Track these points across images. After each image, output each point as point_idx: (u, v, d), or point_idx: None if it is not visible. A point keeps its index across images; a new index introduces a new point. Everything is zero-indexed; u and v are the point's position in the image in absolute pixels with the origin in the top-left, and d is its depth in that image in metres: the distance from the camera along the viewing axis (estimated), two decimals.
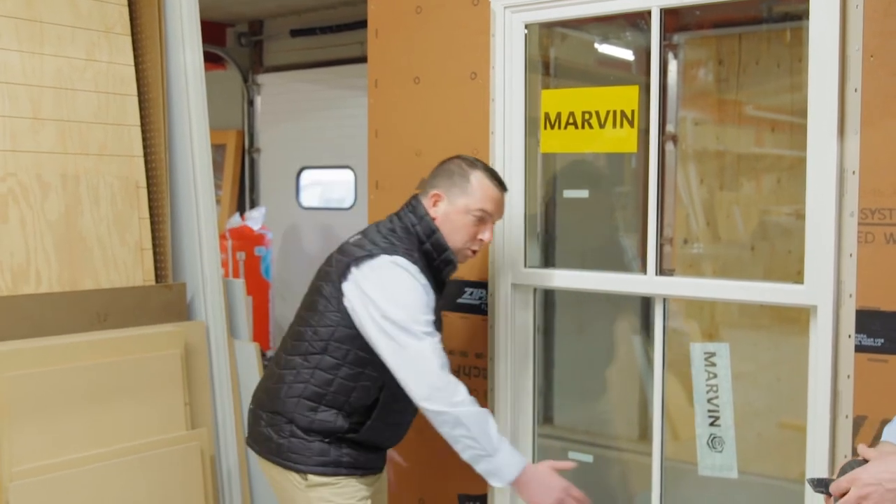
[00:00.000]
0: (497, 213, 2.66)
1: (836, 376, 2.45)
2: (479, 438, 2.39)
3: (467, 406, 2.41)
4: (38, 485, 2.84)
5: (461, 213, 2.60)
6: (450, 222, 2.61)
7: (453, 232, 2.61)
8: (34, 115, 3.11)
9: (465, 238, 2.61)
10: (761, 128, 4.16)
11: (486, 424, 2.41)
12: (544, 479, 2.44)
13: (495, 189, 2.63)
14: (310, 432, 2.56)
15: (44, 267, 3.07)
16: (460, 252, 2.63)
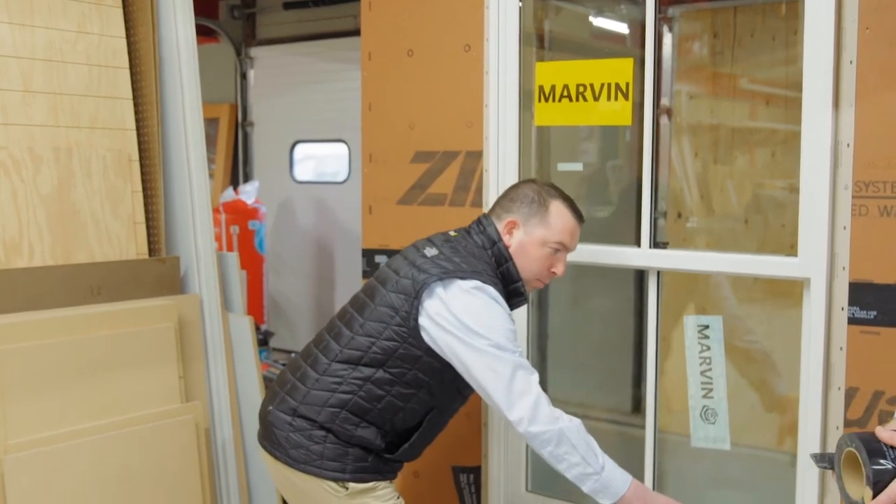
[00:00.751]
0: (572, 246, 2.55)
1: (828, 348, 2.46)
2: (585, 455, 2.27)
3: (566, 421, 2.28)
4: (33, 458, 2.84)
5: (538, 244, 2.49)
6: (525, 253, 2.49)
7: (528, 263, 2.49)
8: (25, 88, 3.09)
9: (538, 270, 2.51)
10: (756, 101, 4.16)
11: (588, 438, 2.30)
12: (658, 500, 2.34)
13: (574, 221, 2.52)
14: (348, 444, 2.44)
15: (37, 240, 3.06)
16: (532, 283, 2.54)
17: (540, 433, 2.25)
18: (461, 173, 3.09)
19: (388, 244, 3.25)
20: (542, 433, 2.25)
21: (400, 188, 3.24)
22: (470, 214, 3.08)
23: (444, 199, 3.13)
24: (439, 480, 3.25)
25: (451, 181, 3.12)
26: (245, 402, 3.54)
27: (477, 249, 2.48)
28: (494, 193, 3.02)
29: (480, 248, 2.48)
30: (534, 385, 2.29)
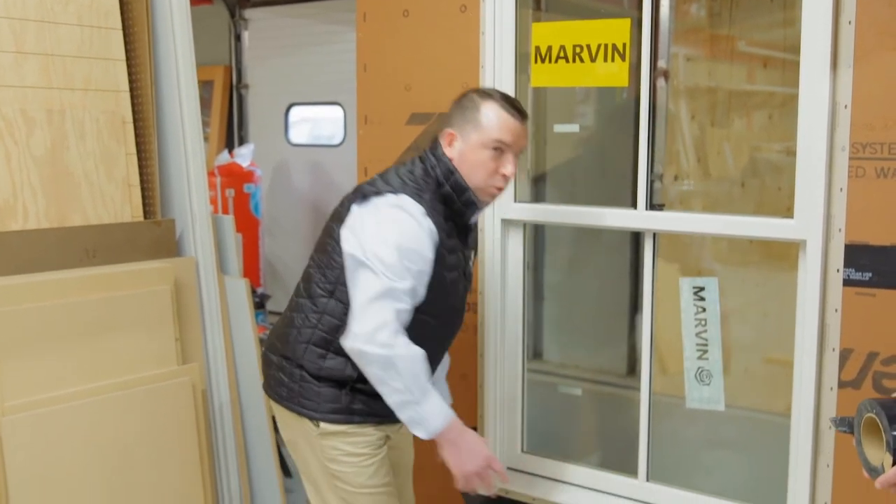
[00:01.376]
0: (517, 144, 2.45)
1: (823, 310, 2.47)
2: (409, 385, 2.29)
3: (401, 349, 2.28)
4: (30, 420, 2.85)
5: (477, 149, 2.43)
6: (466, 161, 2.44)
7: (472, 170, 2.44)
8: (17, 49, 3.06)
9: (484, 175, 2.44)
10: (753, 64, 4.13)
11: (419, 370, 2.30)
12: (472, 442, 2.37)
13: (510, 117, 2.43)
14: (320, 379, 2.47)
15: (31, 203, 3.05)
16: (484, 191, 2.46)
17: (368, 353, 2.28)
18: None
19: None
20: (371, 353, 2.27)
21: (395, 150, 3.23)
22: None
23: None
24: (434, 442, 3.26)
25: None
26: (242, 365, 3.55)
27: (420, 170, 2.46)
28: None
29: (424, 169, 2.47)
30: (390, 312, 2.28)
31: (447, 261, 2.43)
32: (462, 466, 2.36)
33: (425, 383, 2.31)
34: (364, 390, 2.45)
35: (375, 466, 2.51)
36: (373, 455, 2.51)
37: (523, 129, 2.47)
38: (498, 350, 3.10)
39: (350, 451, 2.49)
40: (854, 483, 2.46)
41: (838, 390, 2.46)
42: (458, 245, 2.49)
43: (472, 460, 2.36)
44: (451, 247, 2.44)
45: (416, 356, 2.30)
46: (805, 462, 2.53)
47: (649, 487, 2.93)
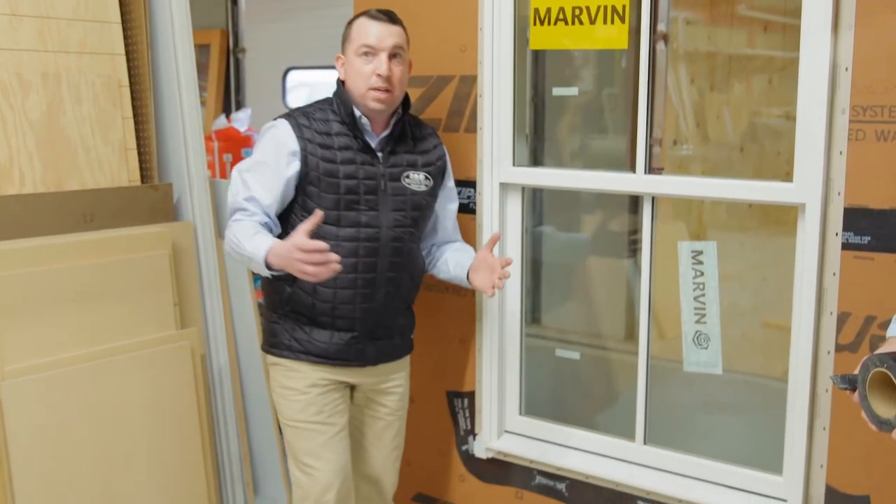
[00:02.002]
0: (382, 45, 2.61)
1: (821, 274, 2.47)
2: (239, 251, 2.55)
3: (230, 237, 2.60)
4: (30, 384, 2.86)
5: (353, 59, 2.63)
6: (349, 75, 2.66)
7: (353, 81, 2.64)
8: (11, 12, 3.03)
9: (362, 81, 2.61)
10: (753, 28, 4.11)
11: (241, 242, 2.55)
12: (281, 250, 2.47)
13: (372, 22, 2.62)
14: (266, 310, 2.82)
15: (27, 167, 3.04)
16: (367, 96, 2.62)
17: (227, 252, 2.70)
18: (455, 98, 3.06)
19: None
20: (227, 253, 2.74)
21: None
22: (464, 140, 3.06)
23: (438, 125, 3.11)
24: (434, 405, 3.28)
25: (445, 106, 3.09)
26: (240, 329, 3.56)
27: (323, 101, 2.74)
28: (489, 118, 2.99)
29: (321, 100, 2.74)
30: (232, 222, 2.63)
31: (337, 171, 2.60)
32: (293, 269, 2.43)
33: (247, 237, 2.54)
34: (300, 321, 2.72)
35: (304, 403, 2.73)
36: (303, 392, 2.72)
37: (389, 30, 2.63)
38: (496, 314, 3.10)
39: (284, 383, 2.76)
40: (850, 445, 2.48)
41: (835, 354, 2.47)
42: (363, 159, 2.65)
43: (290, 259, 2.42)
44: (345, 158, 2.62)
45: (238, 227, 2.58)
46: (801, 425, 2.54)
47: (646, 450, 2.95)
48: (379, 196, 2.65)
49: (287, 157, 2.60)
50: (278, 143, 2.61)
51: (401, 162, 2.70)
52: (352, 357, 2.73)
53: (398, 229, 2.68)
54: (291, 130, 2.61)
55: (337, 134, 2.63)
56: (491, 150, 3.01)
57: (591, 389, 3.75)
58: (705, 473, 2.84)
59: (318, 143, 2.60)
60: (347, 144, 2.63)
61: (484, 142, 3.01)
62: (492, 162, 3.02)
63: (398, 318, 2.82)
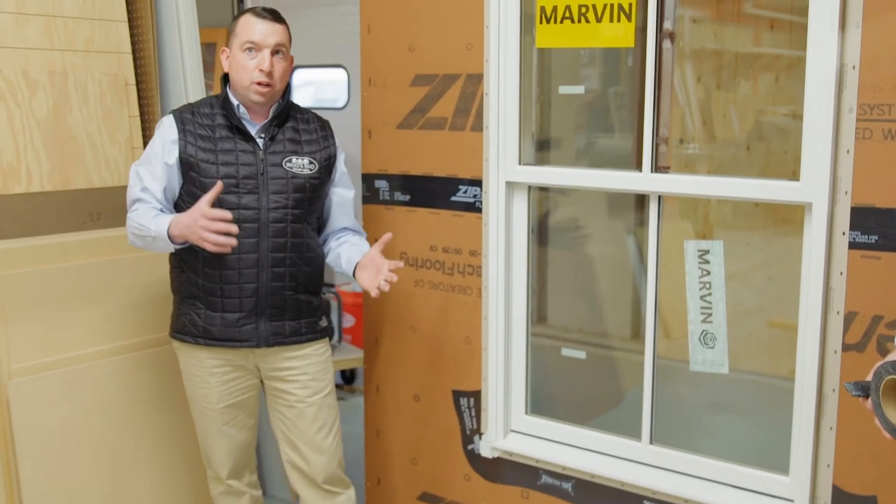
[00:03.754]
0: (265, 42, 2.73)
1: (828, 273, 2.46)
2: (143, 235, 2.70)
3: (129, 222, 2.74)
4: (36, 382, 2.87)
5: (236, 54, 2.75)
6: (233, 68, 2.77)
7: (237, 73, 2.75)
8: (18, 11, 3.04)
9: (245, 75, 2.73)
10: (760, 26, 4.10)
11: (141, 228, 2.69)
12: (185, 218, 2.63)
13: (257, 20, 2.73)
14: (173, 299, 2.92)
15: (34, 165, 3.04)
16: (249, 89, 2.74)
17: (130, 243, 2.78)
18: (461, 97, 3.06)
19: (387, 169, 3.23)
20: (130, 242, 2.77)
21: (399, 112, 3.21)
22: (470, 139, 3.05)
23: (445, 123, 3.10)
24: (440, 404, 3.28)
25: (452, 105, 3.09)
26: None
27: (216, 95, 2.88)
28: (495, 117, 2.99)
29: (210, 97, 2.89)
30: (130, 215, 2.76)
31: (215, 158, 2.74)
32: (193, 237, 2.62)
33: (148, 220, 2.69)
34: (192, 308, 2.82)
35: (203, 391, 2.88)
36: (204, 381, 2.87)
37: (273, 29, 2.75)
38: (502, 313, 3.10)
39: (184, 368, 2.91)
40: (857, 446, 2.47)
41: (842, 353, 2.46)
42: (243, 147, 2.78)
43: (194, 227, 2.60)
44: (224, 148, 2.76)
45: (138, 213, 2.72)
46: (808, 425, 2.54)
47: (653, 450, 2.94)
48: (258, 180, 2.77)
49: (169, 147, 2.76)
50: (163, 135, 2.78)
51: (281, 149, 2.83)
52: (244, 337, 2.82)
53: (279, 211, 2.79)
54: (174, 122, 2.78)
55: (219, 125, 2.78)
56: (497, 148, 3.01)
57: (598, 389, 3.75)
58: (711, 473, 2.83)
59: (198, 134, 2.76)
60: (228, 134, 2.78)
61: (490, 140, 3.01)
62: (498, 160, 3.02)
63: (292, 300, 2.86)
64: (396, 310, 3.34)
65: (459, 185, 3.11)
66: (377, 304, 3.38)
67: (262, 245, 2.77)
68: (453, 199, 3.14)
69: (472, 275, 3.13)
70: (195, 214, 2.59)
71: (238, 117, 2.79)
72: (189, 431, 3.21)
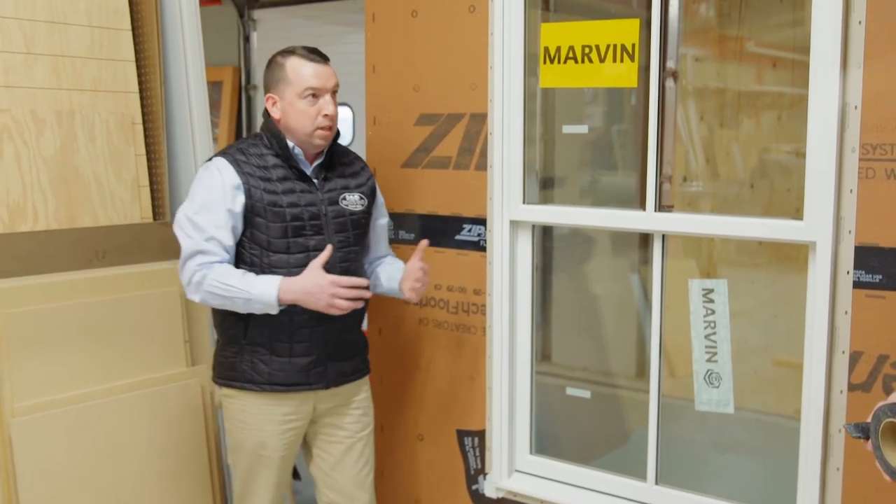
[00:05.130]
0: (325, 85, 2.69)
1: (833, 312, 2.46)
2: (233, 295, 2.59)
3: (207, 284, 2.60)
4: (40, 421, 2.86)
5: (295, 101, 2.67)
6: (290, 115, 2.69)
7: (298, 121, 2.68)
8: (27, 50, 3.07)
9: (308, 121, 2.68)
10: (762, 64, 4.12)
11: (228, 281, 2.59)
12: (309, 282, 2.59)
13: (311, 65, 2.68)
14: (223, 345, 2.80)
15: (41, 204, 3.06)
16: (314, 135, 2.69)
17: (197, 299, 2.66)
18: (465, 136, 3.08)
19: (392, 207, 3.24)
20: (199, 299, 2.65)
21: (404, 151, 3.23)
22: (474, 178, 3.07)
23: (449, 162, 3.12)
24: (444, 444, 3.27)
25: (456, 144, 3.11)
26: None
27: (254, 134, 2.79)
28: (499, 156, 3.00)
29: (253, 136, 2.79)
30: (195, 265, 2.62)
31: (281, 200, 2.66)
32: (318, 304, 2.59)
33: (239, 280, 2.59)
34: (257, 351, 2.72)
35: (258, 440, 2.76)
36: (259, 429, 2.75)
37: (328, 70, 2.71)
38: (506, 351, 3.09)
39: (240, 416, 2.78)
40: (864, 487, 2.45)
41: (848, 393, 2.45)
42: (302, 187, 2.71)
43: (320, 294, 2.58)
44: (285, 188, 2.68)
45: (219, 272, 2.60)
46: (815, 466, 2.52)
47: (658, 490, 2.92)
48: (322, 220, 2.73)
49: (232, 192, 2.65)
50: (222, 181, 2.65)
51: (336, 186, 2.80)
52: (312, 381, 2.76)
53: (344, 250, 2.76)
54: (231, 166, 2.67)
55: (273, 166, 2.70)
56: (501, 187, 3.02)
57: (602, 428, 3.73)
58: None
59: (258, 177, 2.67)
60: (285, 175, 2.71)
61: (494, 179, 3.02)
62: (502, 199, 3.03)
63: (352, 337, 2.86)
64: (401, 349, 3.33)
65: (464, 224, 3.12)
66: (382, 343, 3.38)
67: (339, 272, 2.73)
68: (458, 238, 3.14)
69: (477, 313, 3.13)
70: (321, 282, 2.56)
71: (294, 158, 2.72)
72: (193, 472, 3.20)
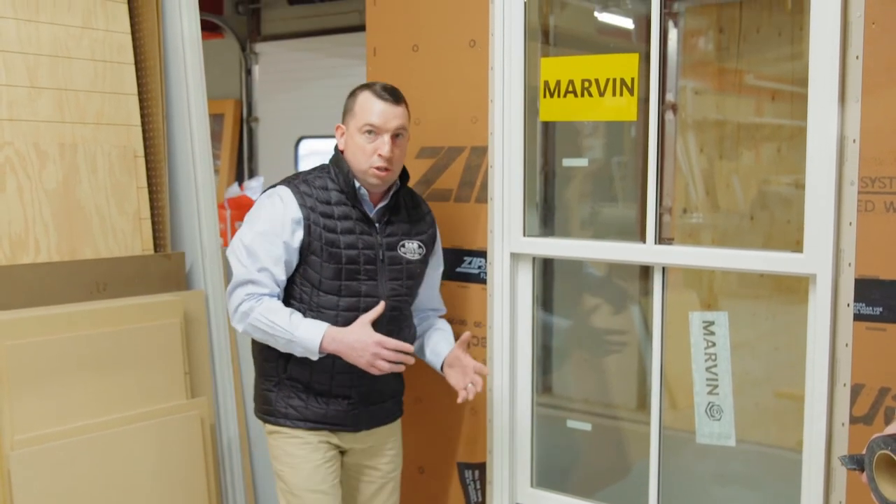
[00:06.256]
0: (386, 126, 2.62)
1: (834, 345, 2.46)
2: (276, 333, 2.54)
3: (254, 316, 2.56)
4: (39, 454, 2.85)
5: (356, 135, 2.64)
6: (350, 148, 2.66)
7: (354, 155, 2.64)
8: (31, 84, 3.09)
9: (363, 158, 2.62)
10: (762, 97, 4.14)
11: (273, 318, 2.55)
12: (355, 338, 2.54)
13: (378, 101, 2.62)
14: (261, 378, 2.75)
15: (42, 236, 3.07)
16: (368, 173, 2.64)
17: (239, 329, 2.63)
18: (466, 168, 3.09)
19: None
20: (241, 329, 2.62)
21: None
22: (475, 210, 3.08)
23: (450, 195, 3.13)
24: (444, 477, 3.25)
25: (457, 176, 3.12)
26: (250, 399, 3.54)
27: (315, 168, 2.75)
28: (499, 189, 3.01)
29: (320, 167, 2.75)
30: (243, 294, 2.59)
31: (339, 241, 2.61)
32: (359, 360, 2.55)
33: (286, 320, 2.54)
34: (297, 388, 2.69)
35: (308, 472, 2.68)
36: (307, 460, 2.68)
37: (394, 111, 2.64)
38: (506, 383, 3.09)
39: (287, 450, 2.70)
40: None
41: (850, 426, 2.45)
42: (362, 229, 2.66)
43: (363, 352, 2.54)
44: (345, 228, 2.63)
45: (266, 307, 2.56)
46: (817, 499, 2.51)
47: None
48: (377, 266, 2.67)
49: (292, 226, 2.60)
50: (284, 212, 2.60)
51: (397, 232, 2.74)
52: (347, 423, 2.73)
53: (395, 298, 2.72)
54: (294, 198, 2.62)
55: (336, 203, 2.65)
56: (501, 220, 3.03)
57: (604, 460, 3.71)
58: None
59: (320, 213, 2.61)
60: (347, 214, 2.65)
61: (495, 212, 3.03)
62: (502, 232, 3.03)
63: (391, 382, 2.83)
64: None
65: (464, 257, 3.13)
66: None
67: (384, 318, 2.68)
68: (458, 270, 3.15)
69: (477, 346, 3.13)
70: (367, 341, 2.52)
71: (359, 198, 2.67)
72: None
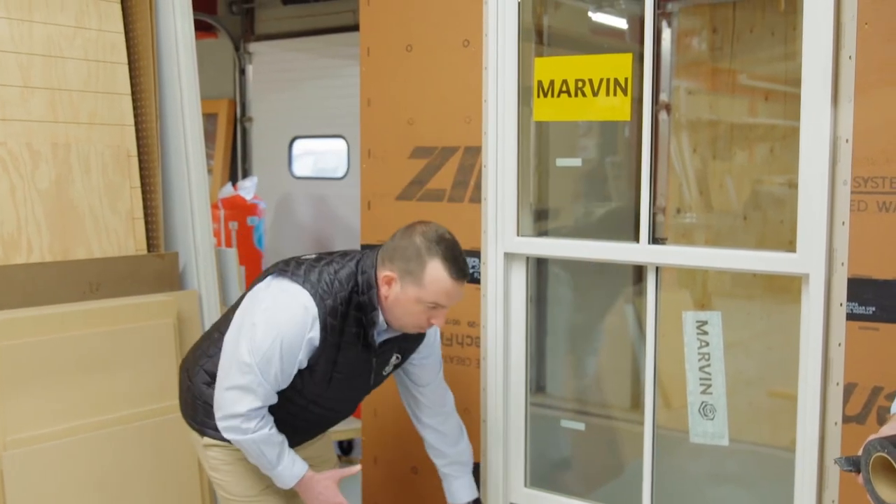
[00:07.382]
0: (451, 303, 2.50)
1: (827, 344, 2.46)
2: (258, 458, 2.54)
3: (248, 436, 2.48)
4: (31, 454, 2.84)
5: (412, 301, 2.45)
6: (399, 306, 2.48)
7: (403, 316, 2.50)
8: (24, 84, 3.09)
9: (414, 323, 2.51)
10: (755, 97, 4.15)
11: (264, 448, 2.51)
12: (319, 490, 2.59)
13: (451, 282, 2.43)
14: (204, 400, 2.63)
15: (35, 236, 3.06)
16: (408, 327, 2.55)
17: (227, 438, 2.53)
18: (460, 169, 3.09)
19: (386, 240, 3.25)
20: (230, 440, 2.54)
21: (399, 184, 3.24)
22: (468, 210, 3.08)
23: (443, 195, 3.13)
24: (438, 477, 3.25)
25: (450, 177, 3.12)
26: None
27: (343, 273, 2.51)
28: (493, 189, 3.02)
29: (348, 277, 2.50)
30: (240, 406, 2.47)
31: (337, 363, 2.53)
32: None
33: (275, 453, 2.53)
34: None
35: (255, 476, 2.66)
36: (248, 465, 2.64)
37: (461, 290, 2.49)
38: (500, 383, 3.09)
39: (227, 459, 2.66)
40: None
41: (843, 425, 2.45)
42: (364, 356, 2.56)
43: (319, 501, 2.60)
44: (347, 355, 2.53)
45: (263, 439, 2.50)
46: (810, 498, 2.51)
47: None
48: (361, 380, 2.67)
49: (308, 348, 2.47)
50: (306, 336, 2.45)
51: (389, 351, 2.65)
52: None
53: (361, 400, 2.84)
54: (318, 324, 2.45)
55: (349, 328, 2.51)
56: (495, 220, 3.03)
57: (597, 460, 3.71)
58: None
59: (331, 343, 2.49)
60: (354, 340, 2.52)
61: (488, 212, 3.03)
62: (496, 232, 3.04)
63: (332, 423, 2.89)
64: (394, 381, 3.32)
65: None
66: None
67: (334, 419, 2.80)
68: None
69: (471, 346, 3.13)
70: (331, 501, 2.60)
71: (375, 334, 2.54)
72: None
